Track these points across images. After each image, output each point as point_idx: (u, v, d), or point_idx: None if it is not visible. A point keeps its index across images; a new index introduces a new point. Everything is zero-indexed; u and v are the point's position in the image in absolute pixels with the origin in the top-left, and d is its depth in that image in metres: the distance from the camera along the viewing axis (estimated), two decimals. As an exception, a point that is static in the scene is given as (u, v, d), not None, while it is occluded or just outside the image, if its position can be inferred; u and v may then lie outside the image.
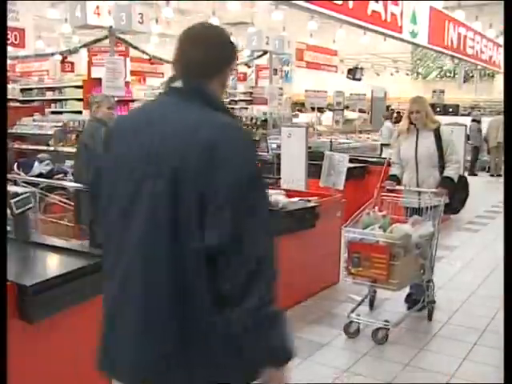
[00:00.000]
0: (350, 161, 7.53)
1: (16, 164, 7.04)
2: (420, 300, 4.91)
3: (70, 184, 5.86)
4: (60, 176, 6.64)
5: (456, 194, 5.11)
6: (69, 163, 6.94)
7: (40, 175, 6.46)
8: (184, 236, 1.67)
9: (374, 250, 4.37)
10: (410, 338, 4.66)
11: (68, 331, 3.09)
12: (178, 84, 1.84)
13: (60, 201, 5.67)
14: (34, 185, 5.67)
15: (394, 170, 5.29)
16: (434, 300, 5.00)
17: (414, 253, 4.57)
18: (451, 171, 5.05)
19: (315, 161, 7.51)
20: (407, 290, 5.04)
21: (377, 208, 4.84)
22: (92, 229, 2.25)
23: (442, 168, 5.07)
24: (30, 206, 3.77)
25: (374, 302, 5.12)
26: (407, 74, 25.81)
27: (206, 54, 1.84)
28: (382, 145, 11.47)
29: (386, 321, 4.56)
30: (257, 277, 1.63)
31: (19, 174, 6.49)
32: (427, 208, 4.83)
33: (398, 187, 5.17)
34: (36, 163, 6.74)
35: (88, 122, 5.73)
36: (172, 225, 1.67)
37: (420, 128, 5.13)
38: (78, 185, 5.27)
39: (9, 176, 5.96)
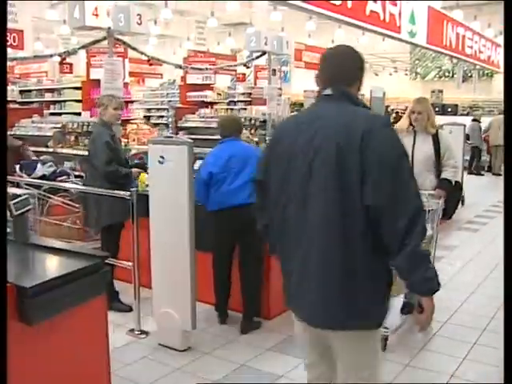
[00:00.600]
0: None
1: (18, 166, 7.02)
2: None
3: (73, 186, 5.84)
4: (63, 178, 6.61)
5: (450, 198, 5.01)
6: (68, 164, 6.94)
7: (43, 177, 6.43)
8: (350, 204, 2.22)
9: None
10: (410, 338, 4.65)
11: (67, 333, 3.08)
12: (328, 91, 2.42)
13: (63, 202, 5.65)
14: (37, 187, 5.64)
15: None
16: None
17: None
18: (449, 173, 4.93)
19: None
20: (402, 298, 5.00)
21: None
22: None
23: (438, 172, 4.94)
24: (29, 207, 3.76)
25: None
26: (406, 74, 25.83)
27: (349, 66, 2.50)
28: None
29: (386, 327, 4.34)
30: (414, 223, 2.17)
31: (21, 176, 6.47)
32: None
33: None
34: (39, 165, 6.70)
35: (94, 125, 5.59)
36: (341, 195, 2.22)
37: (418, 130, 4.98)
38: (83, 187, 5.24)
39: (10, 178, 5.96)
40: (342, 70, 2.48)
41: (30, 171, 6.63)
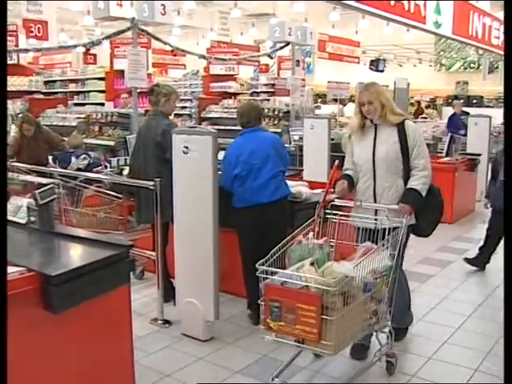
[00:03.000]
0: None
1: (52, 157, 7.05)
2: (369, 347, 4.13)
3: (108, 178, 5.82)
4: (98, 169, 6.62)
5: (424, 211, 3.94)
6: (91, 155, 6.96)
7: (78, 171, 6.42)
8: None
9: (299, 299, 3.17)
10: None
11: (91, 321, 3.10)
12: None
13: (99, 192, 5.66)
14: (73, 178, 5.66)
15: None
16: (394, 353, 3.90)
17: (360, 298, 3.40)
18: (416, 181, 3.90)
19: (338, 152, 7.45)
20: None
21: (311, 234, 3.66)
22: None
23: (407, 174, 3.96)
24: (54, 196, 3.79)
25: None
26: (430, 66, 25.48)
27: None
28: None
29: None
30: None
31: (55, 168, 6.49)
32: (384, 231, 3.66)
33: (347, 202, 3.98)
34: (73, 158, 6.71)
35: (152, 116, 5.20)
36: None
37: (379, 124, 3.99)
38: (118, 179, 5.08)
39: (44, 169, 6.00)
40: None
41: (64, 164, 6.64)
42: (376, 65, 19.22)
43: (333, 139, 8.08)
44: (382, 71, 19.17)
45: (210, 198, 4.16)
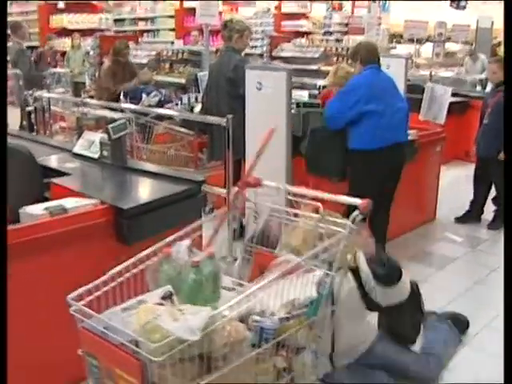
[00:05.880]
0: (451, 95, 7.11)
1: (122, 93, 7.05)
2: None
3: (180, 114, 5.79)
4: (169, 106, 6.60)
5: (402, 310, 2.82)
6: (162, 92, 6.93)
7: (149, 107, 6.42)
8: None
9: (118, 362, 1.98)
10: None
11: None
12: None
13: (171, 128, 5.65)
14: (144, 115, 5.66)
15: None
16: None
17: (248, 354, 2.09)
18: None
19: (414, 94, 7.14)
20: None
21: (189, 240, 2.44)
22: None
23: None
24: (127, 131, 3.77)
25: None
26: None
27: None
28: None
29: None
30: None
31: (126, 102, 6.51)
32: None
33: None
34: (144, 95, 6.70)
35: (225, 52, 5.10)
36: None
37: None
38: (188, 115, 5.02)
39: (116, 105, 5.99)
40: None
41: (135, 100, 6.64)
42: (457, 2, 18.23)
43: (409, 80, 7.74)
44: (464, 9, 18.16)
45: (284, 136, 4.03)
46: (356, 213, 2.33)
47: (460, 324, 3.49)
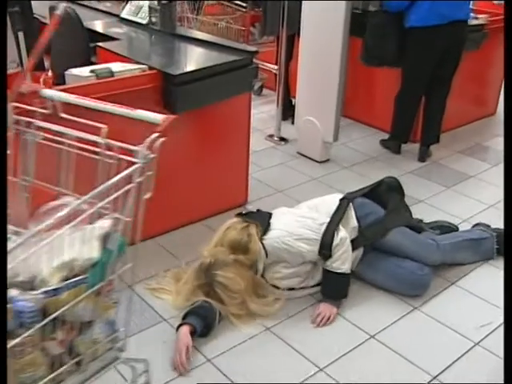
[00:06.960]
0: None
1: None
2: None
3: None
4: None
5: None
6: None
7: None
8: None
9: None
10: None
11: (210, 126, 3.04)
12: None
13: (221, 0, 5.43)
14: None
15: None
16: None
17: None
18: None
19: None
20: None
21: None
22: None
23: None
24: (177, -4, 3.60)
25: None
26: None
27: None
28: None
29: None
30: None
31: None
32: None
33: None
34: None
35: None
36: None
37: None
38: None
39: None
40: None
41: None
42: None
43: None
44: None
45: (343, 9, 3.78)
46: (155, 135, 1.53)
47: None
